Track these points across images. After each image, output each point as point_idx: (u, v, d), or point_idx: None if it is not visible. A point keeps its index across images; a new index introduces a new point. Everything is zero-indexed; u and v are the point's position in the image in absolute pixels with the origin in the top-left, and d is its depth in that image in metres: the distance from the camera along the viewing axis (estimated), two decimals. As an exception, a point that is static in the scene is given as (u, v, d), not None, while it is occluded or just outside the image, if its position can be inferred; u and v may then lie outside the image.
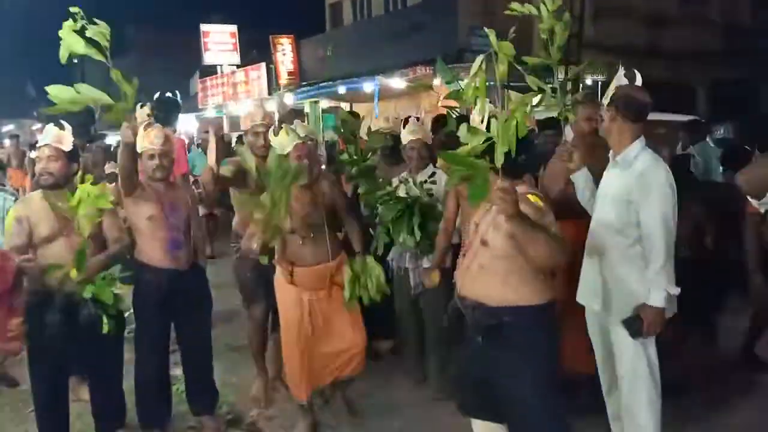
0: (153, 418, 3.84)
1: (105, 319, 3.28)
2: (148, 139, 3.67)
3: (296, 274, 3.69)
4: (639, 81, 3.15)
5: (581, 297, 3.33)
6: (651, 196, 3.00)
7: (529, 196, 2.68)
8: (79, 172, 3.50)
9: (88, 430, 3.80)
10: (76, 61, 3.36)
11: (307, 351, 3.71)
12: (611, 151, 3.22)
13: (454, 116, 4.60)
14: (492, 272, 2.72)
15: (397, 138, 4.57)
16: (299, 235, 3.66)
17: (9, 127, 35.63)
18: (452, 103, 2.94)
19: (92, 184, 3.26)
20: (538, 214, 2.62)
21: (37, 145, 3.50)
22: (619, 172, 3.14)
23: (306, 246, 3.67)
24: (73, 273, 3.21)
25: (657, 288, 2.98)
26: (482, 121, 2.60)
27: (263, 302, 4.17)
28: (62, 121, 3.46)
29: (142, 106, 5.12)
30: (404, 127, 4.31)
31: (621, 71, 3.17)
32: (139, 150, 3.65)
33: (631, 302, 3.07)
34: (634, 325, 3.04)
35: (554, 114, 3.61)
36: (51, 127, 3.45)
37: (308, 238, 3.67)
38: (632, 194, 3.04)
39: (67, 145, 3.43)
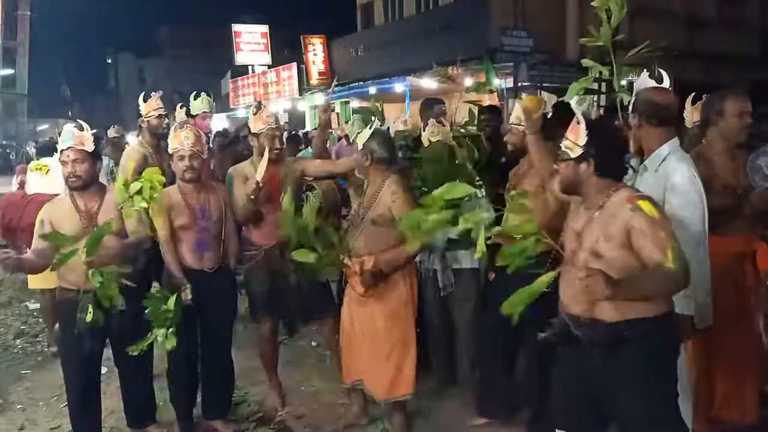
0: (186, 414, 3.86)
1: (90, 309, 3.24)
2: (178, 140, 3.65)
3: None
4: (666, 82, 3.01)
5: None
6: (674, 199, 2.86)
7: (641, 203, 2.42)
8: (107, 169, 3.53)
9: (120, 425, 3.87)
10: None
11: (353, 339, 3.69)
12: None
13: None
14: None
15: (417, 139, 4.50)
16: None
17: (44, 127, 36.46)
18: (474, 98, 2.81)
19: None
20: (652, 230, 2.37)
21: (59, 148, 3.42)
22: (647, 176, 3.01)
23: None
24: (82, 255, 3.14)
25: (681, 294, 2.78)
26: None
27: (273, 315, 4.08)
28: (81, 122, 3.47)
29: (181, 107, 5.23)
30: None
31: (645, 73, 3.03)
32: (170, 151, 3.70)
33: None
34: None
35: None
36: (70, 129, 3.40)
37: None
38: (654, 198, 2.87)
39: (89, 145, 3.39)
